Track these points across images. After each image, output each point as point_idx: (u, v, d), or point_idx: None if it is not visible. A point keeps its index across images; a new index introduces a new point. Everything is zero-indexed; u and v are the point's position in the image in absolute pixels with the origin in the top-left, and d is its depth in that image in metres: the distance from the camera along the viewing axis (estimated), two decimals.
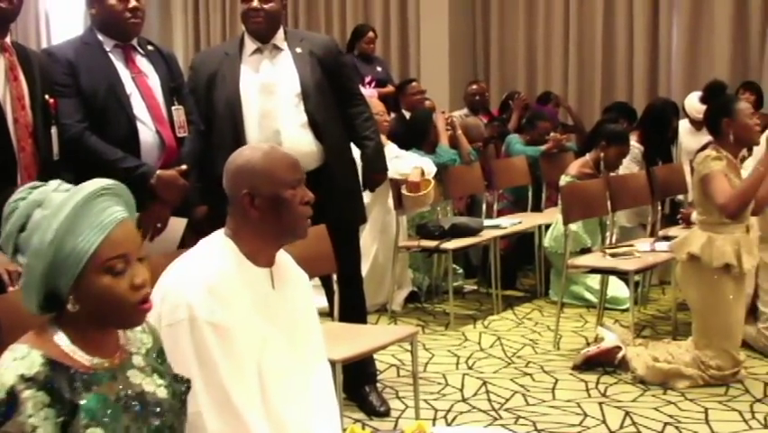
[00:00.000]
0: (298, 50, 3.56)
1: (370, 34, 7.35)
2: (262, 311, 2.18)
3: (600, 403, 3.83)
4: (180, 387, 1.81)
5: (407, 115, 6.31)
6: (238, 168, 2.24)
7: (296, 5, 10.09)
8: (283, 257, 2.33)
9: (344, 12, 9.81)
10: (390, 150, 5.19)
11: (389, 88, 7.13)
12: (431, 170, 5.18)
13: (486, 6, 9.05)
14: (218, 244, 2.22)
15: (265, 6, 3.50)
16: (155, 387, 1.73)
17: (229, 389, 2.06)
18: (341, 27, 9.79)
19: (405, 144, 5.44)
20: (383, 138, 5.23)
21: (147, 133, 3.12)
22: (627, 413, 3.70)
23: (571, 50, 8.47)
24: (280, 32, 3.58)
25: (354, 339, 3.26)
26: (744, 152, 4.29)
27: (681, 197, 5.92)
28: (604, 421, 3.63)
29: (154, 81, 3.20)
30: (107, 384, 1.64)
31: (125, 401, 1.66)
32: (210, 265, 2.14)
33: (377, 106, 5.20)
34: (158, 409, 1.70)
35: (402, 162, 5.08)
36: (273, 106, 3.48)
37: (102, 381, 1.64)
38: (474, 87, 7.48)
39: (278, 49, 3.56)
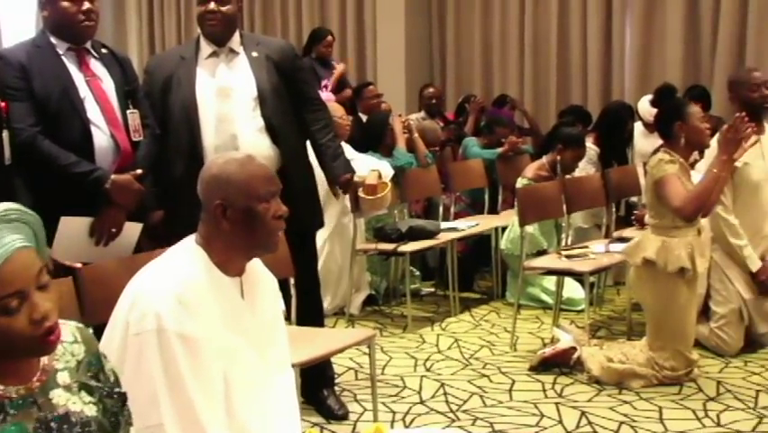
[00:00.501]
0: (255, 54, 3.54)
1: (329, 38, 7.34)
2: (231, 322, 2.17)
3: (557, 404, 3.86)
4: (113, 402, 1.72)
5: (364, 118, 6.31)
6: (212, 177, 2.22)
7: (251, 8, 10.05)
8: (253, 263, 2.32)
9: (300, 14, 9.79)
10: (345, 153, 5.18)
11: (347, 93, 7.13)
12: (388, 172, 5.19)
13: (442, 10, 9.09)
14: (188, 251, 2.21)
15: (222, 9, 3.48)
16: (82, 405, 1.63)
17: (194, 403, 2.04)
18: (297, 30, 9.78)
19: (361, 147, 5.44)
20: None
21: (101, 137, 3.09)
22: (583, 413, 3.74)
23: (527, 53, 8.54)
24: (236, 36, 3.56)
25: (312, 343, 3.25)
26: (695, 155, 4.35)
27: (634, 198, 5.99)
28: (560, 421, 3.66)
29: (108, 85, 3.17)
30: (25, 411, 1.54)
31: (46, 423, 1.56)
32: (180, 274, 2.13)
33: (338, 111, 5.21)
34: (85, 428, 1.61)
35: (357, 165, 5.07)
36: (230, 110, 3.46)
37: (18, 408, 1.54)
38: (430, 90, 7.51)
39: (234, 52, 3.54)
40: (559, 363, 4.26)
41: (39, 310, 1.51)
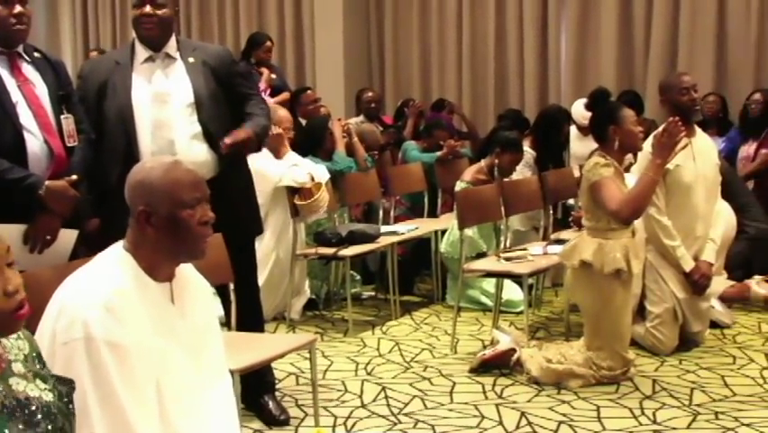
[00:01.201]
0: (191, 59, 3.50)
1: (268, 44, 7.33)
2: (161, 328, 2.15)
3: (497, 405, 3.89)
4: (64, 388, 1.77)
5: (303, 122, 6.30)
6: (137, 183, 2.20)
7: (188, 12, 9.98)
8: (184, 268, 2.30)
9: (238, 18, 9.75)
10: (289, 157, 5.19)
11: (285, 96, 7.12)
12: (322, 175, 5.20)
13: (380, 14, 9.13)
14: (116, 258, 2.18)
15: (158, 12, 3.44)
16: (40, 391, 1.70)
17: (126, 411, 2.02)
18: (234, 34, 9.74)
19: (301, 152, 5.43)
20: (286, 148, 5.23)
21: (34, 143, 3.03)
22: (523, 414, 3.78)
23: (465, 57, 8.63)
24: (173, 41, 3.51)
25: (252, 348, 3.24)
26: (629, 158, 4.42)
27: (571, 201, 6.07)
28: (501, 423, 3.69)
29: (41, 90, 3.12)
30: None
31: (11, 409, 1.62)
32: (107, 281, 2.10)
33: (284, 121, 5.21)
34: (46, 412, 1.67)
35: (298, 171, 5.08)
36: (167, 116, 3.42)
37: None
38: (369, 94, 7.53)
39: (170, 57, 3.49)
40: (499, 365, 4.29)
41: (12, 283, 1.61)
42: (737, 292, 5.36)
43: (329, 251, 5.13)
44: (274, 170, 5.09)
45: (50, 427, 1.66)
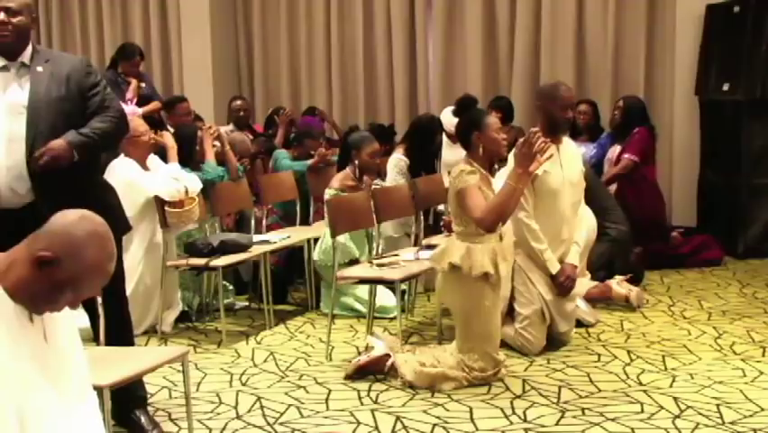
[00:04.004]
0: (39, 68, 3.37)
1: (137, 59, 7.18)
2: (21, 351, 2.07)
3: (372, 410, 3.92)
4: None
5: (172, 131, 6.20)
6: (66, 234, 2.11)
7: (48, 19, 9.68)
8: None
9: (102, 25, 9.50)
10: (158, 167, 5.09)
11: (155, 105, 6.99)
12: (195, 187, 5.13)
13: (248, 22, 9.09)
14: None
15: (13, 20, 3.32)
16: None
17: None
18: (98, 41, 9.49)
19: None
20: (150, 154, 5.14)
21: None
22: (398, 418, 3.82)
23: (334, 66, 8.68)
24: (29, 50, 3.39)
25: (122, 362, 3.16)
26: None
27: (441, 206, 6.17)
28: (376, 428, 3.72)
29: None
30: None
31: None
32: None
33: (139, 127, 5.09)
34: None
35: (173, 184, 4.99)
36: (22, 129, 3.28)
37: None
38: (238, 102, 7.48)
39: (26, 67, 3.38)
40: (374, 371, 4.33)
41: None
42: (600, 292, 5.56)
43: (201, 261, 5.05)
44: (147, 183, 4.99)
45: None
